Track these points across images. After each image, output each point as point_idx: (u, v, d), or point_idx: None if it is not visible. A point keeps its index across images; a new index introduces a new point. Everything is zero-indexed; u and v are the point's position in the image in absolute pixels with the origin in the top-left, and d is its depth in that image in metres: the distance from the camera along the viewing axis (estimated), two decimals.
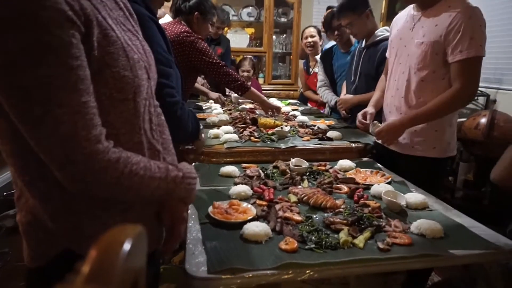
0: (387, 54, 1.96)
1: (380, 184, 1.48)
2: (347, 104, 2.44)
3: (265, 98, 2.49)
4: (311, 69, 3.53)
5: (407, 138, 1.75)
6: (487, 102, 3.30)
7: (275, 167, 1.73)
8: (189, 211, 1.25)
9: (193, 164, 1.73)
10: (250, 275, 0.89)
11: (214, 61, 2.13)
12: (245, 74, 4.17)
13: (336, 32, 2.68)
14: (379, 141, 1.83)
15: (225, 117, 2.49)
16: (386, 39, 2.15)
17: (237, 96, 3.15)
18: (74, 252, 0.70)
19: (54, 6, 0.57)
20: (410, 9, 1.78)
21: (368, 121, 1.88)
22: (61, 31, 0.58)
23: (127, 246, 0.26)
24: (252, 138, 2.01)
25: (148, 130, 0.79)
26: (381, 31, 2.29)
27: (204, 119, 2.45)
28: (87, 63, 0.63)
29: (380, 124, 1.81)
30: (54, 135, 0.58)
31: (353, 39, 2.67)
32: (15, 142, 0.65)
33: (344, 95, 2.53)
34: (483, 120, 2.92)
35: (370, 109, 1.93)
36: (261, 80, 5.11)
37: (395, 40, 1.83)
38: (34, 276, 0.74)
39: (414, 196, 1.34)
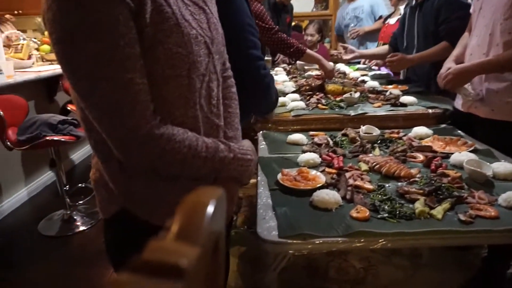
0: (471, 10, 1.74)
1: (462, 152, 1.36)
2: (402, 64, 2.20)
3: (323, 59, 2.34)
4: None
5: (487, 100, 1.57)
6: None
7: (344, 134, 1.68)
8: (258, 177, 1.28)
9: (261, 132, 1.76)
10: (321, 241, 0.90)
11: (268, 26, 2.03)
12: (309, 38, 4.02)
13: None
14: (443, 86, 1.66)
15: (291, 84, 2.46)
16: None
17: (302, 62, 3.06)
18: (130, 211, 0.76)
19: None
20: None
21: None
22: (108, 8, 0.59)
23: (211, 207, 0.27)
24: (319, 105, 1.96)
25: (205, 105, 0.79)
26: None
27: None
28: (139, 39, 0.64)
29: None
30: (101, 108, 0.63)
31: None
32: (80, 108, 0.71)
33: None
34: None
35: (451, 64, 1.74)
36: (327, 46, 4.91)
37: None
38: (104, 226, 0.84)
39: (503, 166, 1.21)
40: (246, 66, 1.18)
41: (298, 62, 3.33)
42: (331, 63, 2.38)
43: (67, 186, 2.45)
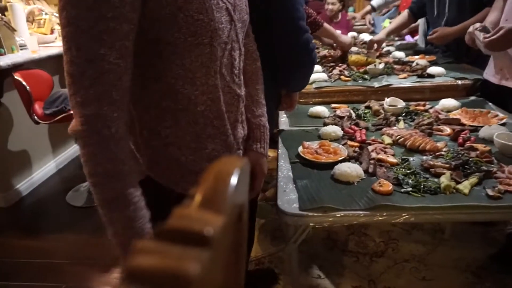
0: None
1: (492, 125, 1.30)
2: (445, 38, 2.07)
3: (340, 34, 2.20)
4: None
5: None
6: None
7: (368, 107, 1.64)
8: (279, 150, 1.28)
9: None
10: (342, 214, 0.89)
11: None
12: (330, 7, 3.86)
13: None
14: (485, 50, 1.50)
15: None
16: None
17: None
18: (154, 180, 0.76)
19: None
20: None
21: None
22: None
23: (235, 177, 0.27)
24: (342, 77, 1.91)
25: (227, 75, 0.77)
26: None
27: None
28: (156, 8, 0.61)
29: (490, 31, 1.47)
30: (66, 71, 0.60)
31: None
32: None
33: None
34: None
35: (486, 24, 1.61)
36: (351, 14, 4.71)
37: None
38: None
39: None
40: (295, 39, 1.11)
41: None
42: (349, 38, 2.26)
43: None
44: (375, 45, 2.27)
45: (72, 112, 0.61)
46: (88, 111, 0.59)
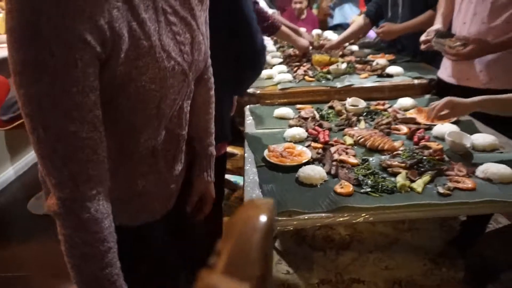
0: None
1: (444, 124, 1.39)
2: (390, 34, 2.17)
3: (296, 37, 2.25)
4: None
5: (485, 70, 1.56)
6: None
7: (331, 107, 1.69)
8: (245, 154, 1.30)
9: (248, 107, 1.75)
10: (306, 217, 0.93)
11: None
12: (298, 6, 3.91)
13: None
14: (453, 58, 1.56)
15: (278, 55, 2.43)
16: None
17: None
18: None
19: (67, 23, 0.50)
20: None
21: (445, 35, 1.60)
22: (65, 50, 0.51)
23: (261, 231, 0.25)
24: (306, 77, 1.95)
25: (172, 122, 0.76)
26: None
27: None
28: (108, 81, 0.58)
29: (456, 39, 1.52)
30: (37, 153, 0.56)
31: None
32: None
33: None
34: None
35: (438, 26, 1.70)
36: (315, 12, 4.79)
37: None
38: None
39: (482, 137, 1.25)
40: (252, 54, 1.20)
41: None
42: (306, 41, 2.28)
43: None
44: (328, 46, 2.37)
45: None
46: (64, 194, 0.57)
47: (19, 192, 2.61)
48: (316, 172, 1.10)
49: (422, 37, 1.70)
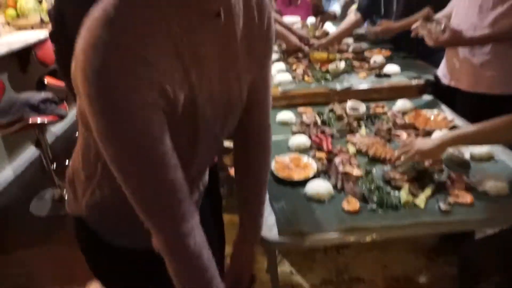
0: None
1: (442, 130, 1.44)
2: (389, 32, 2.20)
3: (288, 34, 2.24)
4: None
5: (472, 73, 1.62)
6: None
7: (331, 110, 1.73)
8: None
9: None
10: (317, 238, 0.99)
11: None
12: None
13: None
14: (430, 43, 1.61)
15: (275, 49, 2.43)
16: None
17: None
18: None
19: (140, 95, 0.54)
20: None
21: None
22: (139, 116, 0.55)
23: None
24: (305, 77, 1.97)
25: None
26: None
27: None
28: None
29: (437, 24, 1.58)
30: (136, 202, 0.61)
31: None
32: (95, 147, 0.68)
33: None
34: None
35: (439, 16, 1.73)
36: None
37: None
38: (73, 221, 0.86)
39: (478, 147, 1.31)
40: None
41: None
42: (296, 40, 2.28)
43: (54, 164, 2.44)
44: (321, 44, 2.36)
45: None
46: (165, 235, 0.63)
47: (20, 191, 2.61)
48: (323, 188, 1.15)
49: (414, 25, 1.73)
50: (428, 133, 1.47)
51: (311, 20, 3.24)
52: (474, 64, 1.60)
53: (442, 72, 1.81)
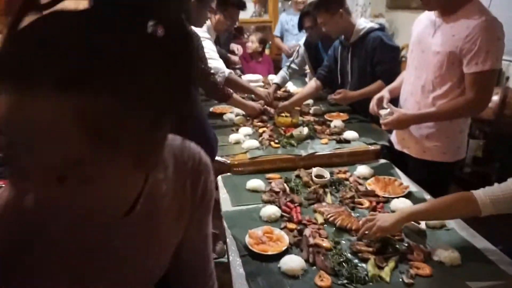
0: (408, 54, 1.96)
1: (400, 199, 1.58)
2: (346, 99, 2.43)
3: (246, 103, 2.47)
4: None
5: (419, 143, 1.83)
6: (499, 78, 3.29)
7: (298, 176, 1.84)
8: (227, 240, 1.38)
9: (220, 177, 1.84)
10: None
11: (207, 69, 2.06)
12: (250, 44, 4.05)
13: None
14: (384, 127, 1.86)
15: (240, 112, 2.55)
16: (371, 31, 2.27)
17: None
18: None
19: None
20: (431, 13, 1.76)
21: (382, 106, 1.88)
22: None
23: None
24: (272, 143, 2.09)
25: None
26: (361, 25, 2.31)
27: (222, 114, 2.54)
28: None
29: (390, 110, 1.81)
30: None
31: None
32: None
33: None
34: (495, 98, 2.95)
35: (385, 93, 1.96)
36: (267, 52, 5.03)
37: (415, 43, 1.83)
38: None
39: None
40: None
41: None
42: (256, 106, 2.50)
43: None
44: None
45: None
46: None
47: None
48: (295, 263, 1.21)
49: (371, 106, 1.95)
50: (387, 201, 1.61)
51: (271, 77, 3.45)
52: (421, 135, 1.81)
53: (394, 139, 2.01)
